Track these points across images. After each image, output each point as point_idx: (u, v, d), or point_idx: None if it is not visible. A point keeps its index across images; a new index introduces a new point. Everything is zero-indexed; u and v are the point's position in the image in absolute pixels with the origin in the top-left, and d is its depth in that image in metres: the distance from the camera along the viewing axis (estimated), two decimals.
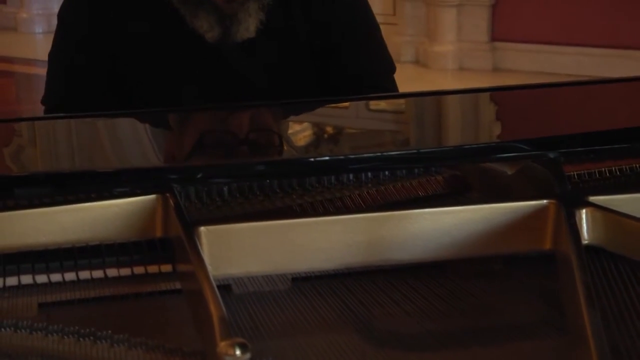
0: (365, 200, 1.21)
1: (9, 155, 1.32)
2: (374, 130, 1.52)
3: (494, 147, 1.27)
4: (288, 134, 1.47)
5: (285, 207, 1.18)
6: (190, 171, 1.18)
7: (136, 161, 1.31)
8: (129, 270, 1.05)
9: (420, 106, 1.58)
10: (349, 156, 1.28)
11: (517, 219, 1.06)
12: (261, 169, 1.22)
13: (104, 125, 1.48)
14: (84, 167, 1.27)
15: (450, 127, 1.48)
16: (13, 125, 1.50)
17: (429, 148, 1.31)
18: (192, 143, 1.37)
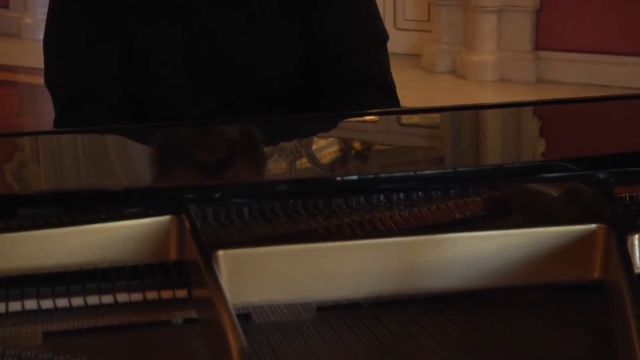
0: (397, 223, 1.22)
1: (10, 172, 1.34)
2: (406, 147, 1.52)
3: (538, 166, 1.27)
4: (312, 150, 1.47)
5: (310, 230, 1.18)
6: (207, 190, 1.19)
7: (149, 179, 1.32)
8: (140, 295, 1.06)
9: (457, 121, 1.59)
10: (379, 175, 1.29)
11: (563, 245, 1.06)
12: (284, 188, 1.22)
13: (112, 140, 1.49)
14: (92, 185, 1.28)
15: (490, 144, 1.48)
16: (15, 140, 1.51)
17: (466, 167, 1.31)
18: (208, 159, 1.39)
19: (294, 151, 1.44)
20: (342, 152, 1.47)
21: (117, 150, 1.46)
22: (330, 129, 1.58)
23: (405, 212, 1.23)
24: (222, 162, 1.38)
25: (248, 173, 1.33)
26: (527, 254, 1.05)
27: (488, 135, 1.55)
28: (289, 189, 1.22)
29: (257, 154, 1.42)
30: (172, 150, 1.46)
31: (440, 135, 1.61)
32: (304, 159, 1.41)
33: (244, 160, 1.40)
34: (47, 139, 1.49)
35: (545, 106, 1.67)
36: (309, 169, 1.37)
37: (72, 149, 1.46)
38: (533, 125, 1.58)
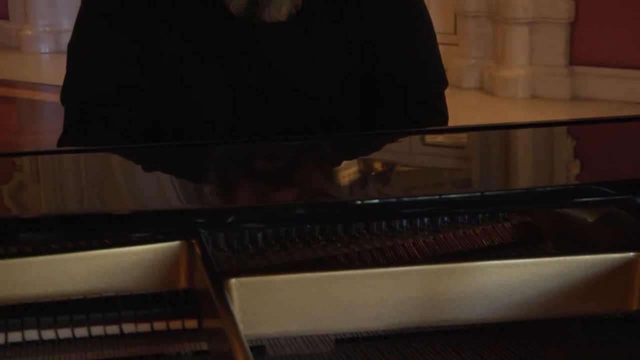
0: (421, 250, 1.22)
1: (8, 194, 1.35)
2: (430, 168, 1.53)
3: (572, 190, 1.27)
4: (331, 171, 1.48)
5: (328, 257, 1.19)
6: (219, 215, 1.20)
7: (157, 202, 1.33)
8: (148, 326, 1.07)
9: (485, 140, 1.59)
10: (402, 199, 1.29)
11: (599, 274, 1.06)
12: (300, 212, 1.23)
13: (118, 161, 1.50)
14: (96, 208, 1.29)
15: (520, 166, 1.48)
16: (13, 159, 1.52)
17: (495, 190, 1.32)
18: (220, 182, 1.39)
19: (311, 173, 1.45)
20: (362, 173, 1.47)
21: (123, 171, 1.47)
22: (350, 149, 1.59)
23: (430, 239, 1.24)
24: (236, 184, 1.38)
25: (263, 196, 1.34)
26: (560, 283, 1.05)
27: (518, 156, 1.55)
28: (306, 213, 1.23)
29: (273, 175, 1.42)
30: (182, 172, 1.47)
31: (467, 156, 1.62)
32: (322, 180, 1.42)
33: (259, 182, 1.40)
34: (47, 158, 1.50)
35: (580, 125, 1.67)
36: (327, 191, 1.38)
37: (75, 170, 1.47)
38: (567, 145, 1.59)
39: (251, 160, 1.51)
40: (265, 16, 1.70)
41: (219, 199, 1.33)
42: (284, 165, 1.48)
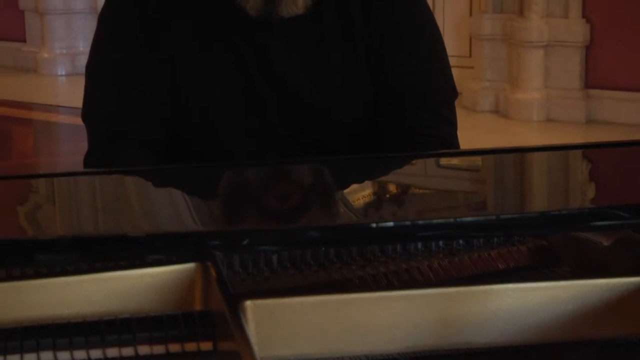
0: (436, 273, 1.22)
1: (24, 215, 1.35)
2: (445, 191, 1.53)
3: (588, 213, 1.27)
4: (345, 193, 1.48)
5: (343, 280, 1.19)
6: (234, 237, 1.20)
7: (172, 224, 1.33)
8: (163, 347, 1.07)
9: (501, 163, 1.59)
10: (416, 221, 1.29)
11: (615, 298, 1.05)
12: (315, 235, 1.23)
13: (133, 182, 1.51)
14: (112, 230, 1.30)
15: (536, 189, 1.48)
16: (29, 181, 1.53)
17: (510, 213, 1.31)
18: (235, 204, 1.40)
19: (326, 195, 1.45)
20: (377, 196, 1.47)
21: (138, 193, 1.48)
22: (364, 171, 1.59)
23: (445, 262, 1.24)
24: (251, 206, 1.39)
25: (277, 218, 1.34)
26: (576, 307, 1.05)
27: (534, 179, 1.55)
28: (321, 236, 1.23)
29: (287, 197, 1.42)
30: (197, 194, 1.47)
31: (482, 179, 1.62)
32: (336, 203, 1.42)
33: (273, 205, 1.41)
34: (63, 180, 1.51)
35: (595, 149, 1.67)
36: (342, 214, 1.38)
37: (90, 191, 1.47)
38: (582, 169, 1.58)
39: (266, 182, 1.51)
40: (283, 11, 1.72)
41: (234, 221, 1.33)
42: (298, 187, 1.48)
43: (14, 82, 7.18)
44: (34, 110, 6.51)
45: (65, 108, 6.36)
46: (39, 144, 6.13)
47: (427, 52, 1.84)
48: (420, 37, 1.83)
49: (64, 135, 6.12)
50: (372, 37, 1.78)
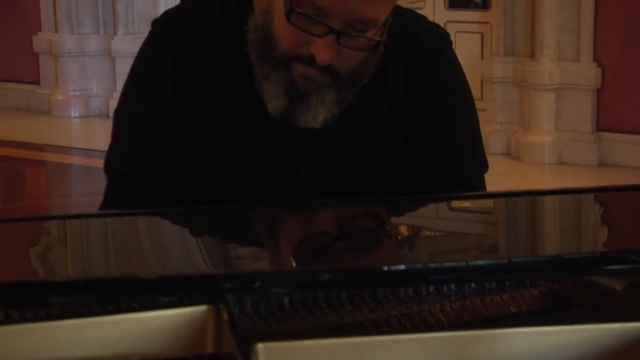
0: (448, 316, 1.22)
1: (36, 257, 1.36)
2: (457, 234, 1.53)
3: (600, 257, 1.27)
4: (358, 235, 1.48)
5: (355, 323, 1.19)
6: (246, 279, 1.20)
7: (184, 266, 1.33)
8: None
9: (512, 206, 1.59)
10: (428, 265, 1.29)
11: (627, 343, 1.05)
12: (327, 277, 1.23)
13: (144, 224, 1.51)
14: (123, 272, 1.30)
15: (548, 232, 1.48)
16: (41, 222, 1.54)
17: (522, 257, 1.31)
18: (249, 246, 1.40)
19: (338, 237, 1.45)
20: (389, 238, 1.48)
21: (149, 235, 1.48)
22: (377, 213, 1.59)
23: (457, 305, 1.23)
24: (262, 248, 1.39)
25: (289, 261, 1.34)
26: (588, 351, 1.04)
27: (546, 223, 1.55)
28: (333, 279, 1.23)
29: (299, 240, 1.43)
30: (208, 236, 1.48)
31: (494, 222, 1.62)
32: (348, 245, 1.42)
33: (285, 247, 1.41)
34: (75, 222, 1.51)
35: (607, 193, 1.67)
36: (354, 256, 1.38)
37: (102, 233, 1.48)
38: (594, 212, 1.58)
39: (277, 225, 1.52)
40: (301, 123, 1.67)
41: (245, 263, 1.34)
42: (310, 230, 1.49)
43: (28, 124, 7.22)
44: (47, 152, 6.55)
45: (77, 150, 6.40)
46: (52, 185, 6.16)
47: (464, 126, 1.82)
48: (459, 111, 1.81)
49: (76, 177, 6.15)
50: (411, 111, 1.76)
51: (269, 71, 1.66)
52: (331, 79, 1.64)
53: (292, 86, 1.65)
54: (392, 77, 1.75)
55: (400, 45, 1.75)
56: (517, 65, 6.00)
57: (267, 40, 1.66)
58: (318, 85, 1.65)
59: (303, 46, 1.61)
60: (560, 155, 5.91)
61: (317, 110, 1.66)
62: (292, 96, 1.66)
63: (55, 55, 7.40)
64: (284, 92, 1.66)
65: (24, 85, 7.72)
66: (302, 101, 1.66)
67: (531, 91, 5.91)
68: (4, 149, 6.52)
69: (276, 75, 1.66)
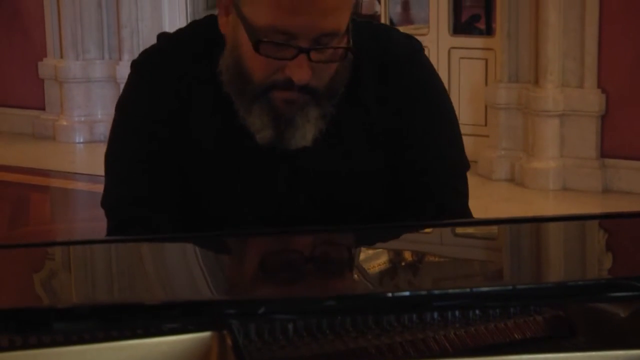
0: (452, 343, 1.21)
1: (40, 282, 1.36)
2: (461, 260, 1.53)
3: (604, 284, 1.27)
4: (361, 262, 1.48)
5: (359, 349, 1.18)
6: (250, 305, 1.20)
7: (188, 292, 1.33)
8: None
9: (516, 233, 1.59)
10: (432, 291, 1.29)
11: None
12: (331, 304, 1.23)
13: (148, 250, 1.51)
14: (128, 298, 1.30)
15: (552, 259, 1.48)
16: (45, 248, 1.54)
17: (526, 284, 1.31)
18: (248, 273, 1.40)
19: (341, 263, 1.45)
20: (392, 264, 1.48)
21: (153, 260, 1.48)
22: (379, 239, 1.59)
23: (461, 331, 1.23)
24: (267, 275, 1.39)
25: (293, 287, 1.34)
26: None
27: (550, 249, 1.55)
28: (337, 305, 1.23)
29: (302, 266, 1.43)
30: (213, 262, 1.48)
31: (498, 248, 1.61)
32: (352, 272, 1.42)
33: (289, 273, 1.41)
34: (79, 248, 1.51)
35: (612, 219, 1.66)
36: (358, 282, 1.38)
37: (106, 259, 1.48)
38: (599, 239, 1.58)
39: (282, 252, 1.52)
40: (292, 145, 1.71)
41: (250, 290, 1.33)
42: (314, 256, 1.49)
43: (33, 150, 7.24)
44: (52, 178, 6.56)
45: (82, 175, 6.40)
46: (56, 211, 6.16)
47: (442, 128, 1.84)
48: (435, 113, 1.83)
49: (81, 203, 6.15)
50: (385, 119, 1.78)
51: (249, 105, 1.70)
52: (310, 96, 1.69)
53: (276, 114, 1.69)
54: (367, 88, 1.78)
55: (372, 55, 1.79)
56: (521, 91, 6.01)
57: (242, 76, 1.70)
58: (299, 105, 1.69)
59: (277, 72, 1.66)
60: (565, 181, 5.91)
61: (304, 129, 1.70)
62: (278, 123, 1.70)
63: (60, 81, 7.43)
64: (270, 122, 1.70)
65: (29, 111, 7.75)
66: (288, 125, 1.70)
67: (535, 117, 5.91)
68: (9, 174, 6.53)
69: (258, 108, 1.70)
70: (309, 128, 1.71)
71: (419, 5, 9.40)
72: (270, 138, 1.71)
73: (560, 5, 5.71)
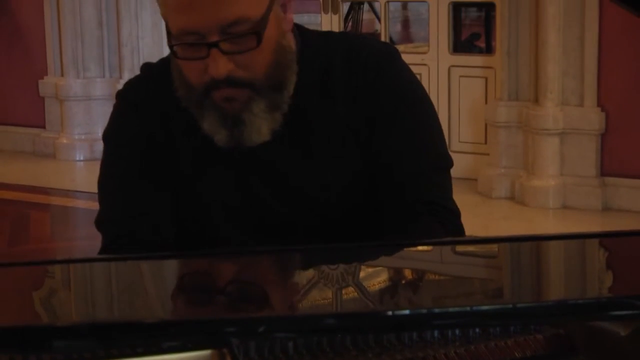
0: None
1: (40, 301, 1.36)
2: (461, 278, 1.52)
3: (605, 302, 1.27)
4: (361, 280, 1.48)
5: None
6: (250, 323, 1.20)
7: (187, 310, 1.33)
8: None
9: (517, 251, 1.59)
10: (432, 310, 1.29)
11: None
12: (331, 322, 1.23)
13: (148, 269, 1.51)
14: (127, 316, 1.30)
15: (552, 277, 1.48)
16: (45, 266, 1.54)
17: (527, 302, 1.31)
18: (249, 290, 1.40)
19: (341, 282, 1.45)
20: (392, 282, 1.47)
21: (153, 279, 1.48)
22: (379, 257, 1.59)
23: (462, 350, 1.23)
24: (267, 293, 1.39)
25: (293, 305, 1.34)
26: None
27: (550, 268, 1.54)
28: (337, 323, 1.22)
29: (302, 285, 1.42)
30: (212, 280, 1.48)
31: (499, 267, 1.61)
32: (352, 290, 1.42)
33: (289, 291, 1.41)
34: (79, 266, 1.51)
35: (612, 238, 1.66)
36: (358, 301, 1.38)
37: (106, 277, 1.48)
38: (599, 257, 1.58)
39: (280, 269, 1.52)
40: (249, 142, 1.74)
41: (250, 308, 1.33)
42: (314, 274, 1.48)
43: (33, 168, 7.24)
44: (52, 195, 6.56)
45: (82, 193, 6.40)
46: (56, 228, 6.16)
47: (416, 125, 1.84)
48: (408, 112, 1.83)
49: (81, 220, 6.15)
50: (357, 118, 1.80)
51: (201, 112, 1.75)
52: (249, 90, 1.72)
53: (222, 113, 1.73)
54: (338, 87, 1.80)
55: (346, 57, 1.81)
56: (521, 109, 6.01)
57: (185, 85, 1.75)
58: (241, 101, 1.72)
59: (204, 74, 1.70)
60: (565, 199, 5.91)
61: (255, 124, 1.73)
62: (226, 122, 1.73)
63: (61, 99, 7.43)
64: (219, 122, 1.73)
65: (29, 129, 7.75)
66: (237, 122, 1.73)
67: (535, 135, 5.92)
68: (10, 192, 6.53)
69: (207, 112, 1.74)
70: (259, 122, 1.73)
71: (418, 23, 9.44)
72: (226, 138, 1.74)
73: (559, 24, 5.72)
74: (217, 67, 1.67)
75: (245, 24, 1.67)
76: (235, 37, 1.67)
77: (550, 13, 5.68)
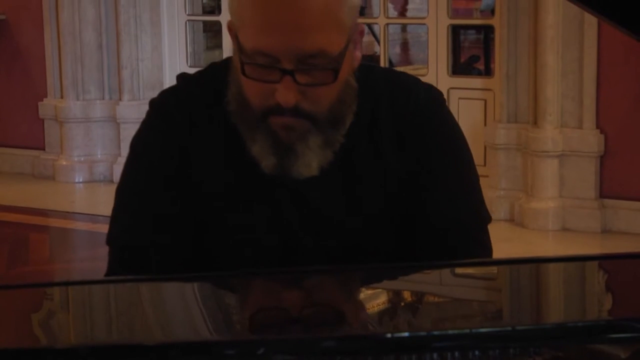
0: None
1: (38, 323, 1.36)
2: (461, 300, 1.52)
3: (604, 325, 1.26)
4: (360, 302, 1.48)
5: None
6: (249, 346, 1.20)
7: (186, 333, 1.33)
8: None
9: (516, 273, 1.59)
10: (431, 332, 1.28)
11: None
12: (330, 345, 1.23)
13: (147, 290, 1.51)
14: (126, 339, 1.30)
15: (552, 299, 1.48)
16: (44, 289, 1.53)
17: (526, 325, 1.31)
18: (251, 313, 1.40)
19: (340, 304, 1.45)
20: (391, 304, 1.47)
21: (152, 301, 1.48)
22: (379, 279, 1.59)
23: None
24: (265, 316, 1.38)
25: (292, 328, 1.34)
26: None
27: (550, 290, 1.54)
28: (336, 346, 1.22)
29: (302, 307, 1.42)
30: (211, 302, 1.47)
31: (498, 289, 1.61)
32: (351, 312, 1.41)
33: (288, 314, 1.40)
34: (78, 288, 1.51)
35: (611, 260, 1.66)
36: (357, 323, 1.37)
37: (104, 299, 1.48)
38: (599, 279, 1.58)
39: (280, 292, 1.51)
40: (296, 174, 1.70)
41: (249, 331, 1.33)
42: (313, 297, 1.48)
43: (32, 189, 7.24)
44: (51, 217, 6.56)
45: (81, 215, 6.40)
46: (55, 250, 6.15)
47: (463, 181, 1.83)
48: (455, 165, 1.82)
49: (80, 242, 6.15)
50: (403, 165, 1.77)
51: (253, 134, 1.71)
52: (310, 123, 1.68)
53: (276, 140, 1.69)
54: (384, 130, 1.77)
55: (392, 100, 1.79)
56: (520, 131, 6.02)
57: (242, 102, 1.71)
58: (299, 132, 1.68)
59: (269, 97, 1.66)
60: (564, 221, 5.91)
61: (306, 158, 1.70)
62: (278, 149, 1.69)
63: (60, 121, 7.44)
64: (271, 148, 1.70)
65: (29, 151, 7.76)
66: (289, 152, 1.69)
67: (534, 157, 5.92)
68: (9, 214, 6.53)
69: (260, 135, 1.70)
70: (312, 156, 1.70)
71: (418, 46, 9.47)
72: (274, 166, 1.70)
73: (558, 46, 5.74)
74: (287, 95, 1.64)
75: (325, 57, 1.64)
76: (312, 69, 1.64)
77: (549, 36, 5.69)
